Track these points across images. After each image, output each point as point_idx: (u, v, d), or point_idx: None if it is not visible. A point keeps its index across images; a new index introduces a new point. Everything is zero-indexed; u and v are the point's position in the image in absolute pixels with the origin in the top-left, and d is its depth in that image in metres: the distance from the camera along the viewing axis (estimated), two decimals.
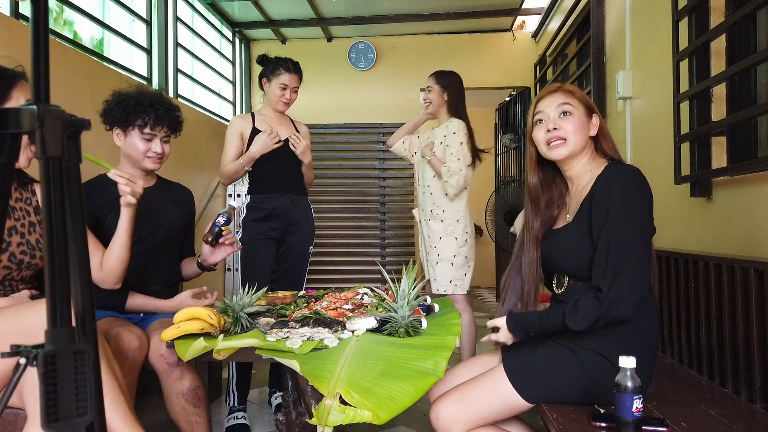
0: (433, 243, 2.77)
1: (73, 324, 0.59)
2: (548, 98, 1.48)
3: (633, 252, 1.26)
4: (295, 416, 1.63)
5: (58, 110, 0.60)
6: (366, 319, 1.55)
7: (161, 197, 2.02)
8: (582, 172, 1.47)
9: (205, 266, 2.02)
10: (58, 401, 0.55)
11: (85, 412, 0.57)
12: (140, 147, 1.87)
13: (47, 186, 0.58)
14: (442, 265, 2.74)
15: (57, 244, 0.58)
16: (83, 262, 0.60)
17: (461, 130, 2.73)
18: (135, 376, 1.67)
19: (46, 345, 0.57)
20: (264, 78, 2.63)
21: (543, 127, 1.47)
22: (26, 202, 1.59)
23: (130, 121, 1.86)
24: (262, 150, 2.49)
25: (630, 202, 1.31)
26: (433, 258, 2.76)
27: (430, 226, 2.79)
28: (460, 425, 1.37)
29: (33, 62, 0.59)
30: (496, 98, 6.04)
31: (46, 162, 0.59)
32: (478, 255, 2.96)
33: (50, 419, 0.55)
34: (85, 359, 0.57)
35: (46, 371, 0.55)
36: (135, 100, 1.85)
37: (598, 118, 1.47)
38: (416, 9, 4.95)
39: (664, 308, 2.04)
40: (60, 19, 3.01)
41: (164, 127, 1.89)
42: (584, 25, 3.65)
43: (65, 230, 0.59)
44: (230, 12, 4.99)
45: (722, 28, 1.92)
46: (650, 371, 1.41)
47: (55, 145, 0.59)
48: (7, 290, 1.52)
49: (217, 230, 1.91)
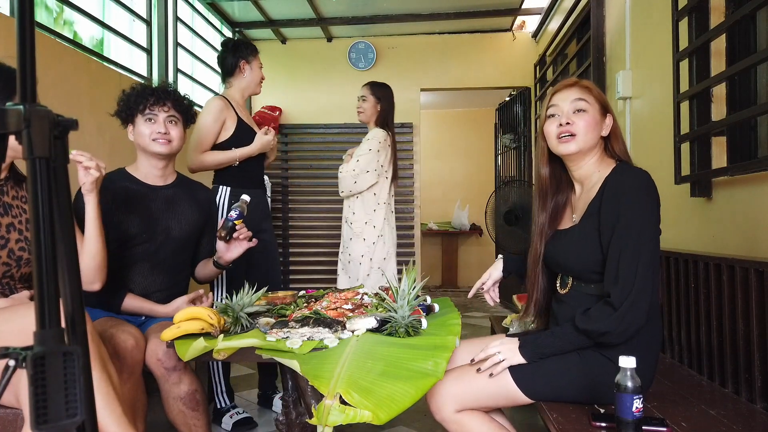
0: (345, 243, 2.94)
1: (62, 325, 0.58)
2: (564, 92, 1.44)
3: (646, 262, 1.26)
4: (295, 416, 1.63)
5: (45, 110, 0.59)
6: (366, 319, 1.55)
7: (176, 196, 1.98)
8: (590, 172, 1.45)
9: (221, 264, 1.98)
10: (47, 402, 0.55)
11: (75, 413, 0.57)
12: (145, 131, 1.86)
13: (34, 187, 0.58)
14: (352, 265, 2.90)
15: (45, 245, 0.58)
16: (72, 263, 0.60)
17: (376, 138, 2.85)
18: (138, 377, 1.66)
19: (35, 346, 0.56)
20: (243, 60, 2.53)
21: (555, 122, 1.44)
22: (23, 200, 1.59)
23: (133, 110, 1.87)
24: (261, 150, 2.49)
25: (643, 209, 1.30)
26: (345, 258, 2.93)
27: (343, 228, 2.98)
28: (455, 403, 1.37)
29: (19, 61, 0.58)
30: (496, 98, 6.04)
31: (33, 162, 0.58)
32: (478, 255, 3.00)
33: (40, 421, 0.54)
34: (75, 360, 0.57)
35: (35, 373, 0.55)
36: (136, 93, 1.88)
37: (611, 118, 1.45)
38: (416, 9, 4.95)
39: (664, 308, 2.04)
40: (60, 19, 3.01)
41: (165, 106, 1.87)
42: (584, 25, 3.65)
43: (53, 231, 0.58)
44: (230, 12, 4.99)
45: (722, 28, 1.92)
46: (652, 373, 1.41)
47: (42, 145, 0.58)
48: (5, 289, 1.52)
49: (230, 225, 1.87)
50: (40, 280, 0.57)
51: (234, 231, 1.89)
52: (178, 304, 1.86)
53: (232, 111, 2.48)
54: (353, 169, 2.81)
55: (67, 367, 0.57)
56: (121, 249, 1.86)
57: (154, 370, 1.68)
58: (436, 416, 1.42)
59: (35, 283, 0.58)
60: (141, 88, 1.89)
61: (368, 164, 2.81)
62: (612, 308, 1.27)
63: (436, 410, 1.41)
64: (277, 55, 5.46)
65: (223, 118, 2.44)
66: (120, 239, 1.85)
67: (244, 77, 2.54)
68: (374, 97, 2.92)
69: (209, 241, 2.12)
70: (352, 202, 2.91)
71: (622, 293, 1.26)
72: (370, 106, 2.91)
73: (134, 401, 1.59)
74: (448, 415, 1.38)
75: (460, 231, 7.25)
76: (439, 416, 1.40)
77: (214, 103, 2.45)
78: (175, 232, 1.95)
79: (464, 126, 7.73)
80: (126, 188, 1.89)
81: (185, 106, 1.95)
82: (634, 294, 1.25)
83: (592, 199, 1.41)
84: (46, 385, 0.55)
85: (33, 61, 0.59)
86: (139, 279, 1.89)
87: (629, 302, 1.25)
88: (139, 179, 1.94)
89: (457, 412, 1.38)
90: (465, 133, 7.70)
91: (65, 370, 0.56)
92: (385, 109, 2.94)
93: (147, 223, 1.89)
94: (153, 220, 1.91)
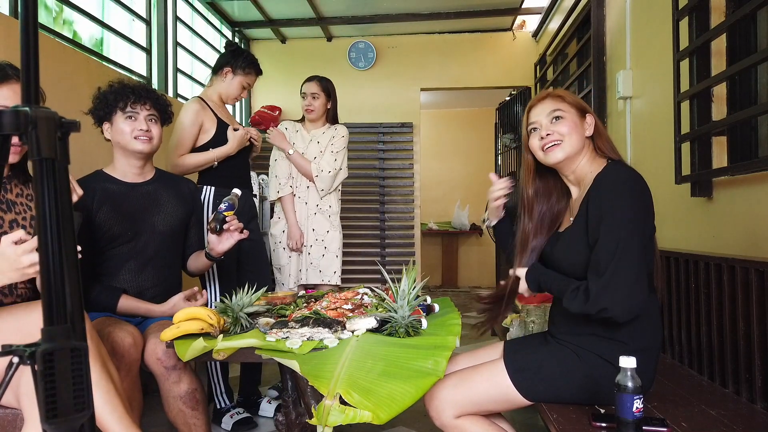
0: (319, 237, 2.85)
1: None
2: (538, 106, 1.49)
3: (624, 255, 1.25)
4: (295, 416, 1.63)
5: (50, 112, 0.60)
6: (366, 319, 1.55)
7: (157, 191, 1.98)
8: (584, 173, 1.46)
9: (213, 256, 1.97)
10: (56, 398, 0.56)
11: (82, 408, 0.58)
12: (126, 128, 1.86)
13: (41, 187, 0.59)
14: (328, 256, 2.86)
15: (52, 244, 0.59)
16: (73, 262, 0.61)
17: (345, 136, 2.87)
18: (136, 375, 1.66)
19: (43, 343, 0.57)
20: (228, 67, 2.51)
21: (537, 135, 1.48)
22: (28, 198, 1.60)
23: (112, 108, 1.86)
24: (239, 147, 2.46)
25: (624, 203, 1.30)
26: (318, 251, 2.85)
27: (317, 220, 2.86)
28: (454, 409, 1.37)
29: (23, 63, 0.59)
30: (496, 98, 6.04)
31: (40, 163, 0.59)
32: (478, 255, 3.00)
33: (50, 415, 0.56)
34: (82, 356, 0.58)
35: (45, 369, 0.56)
36: (115, 91, 1.88)
37: (592, 117, 1.47)
38: (416, 8, 4.94)
39: (664, 308, 2.04)
40: (59, 19, 3.00)
41: (146, 104, 1.88)
42: (584, 25, 3.64)
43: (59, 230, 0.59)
44: (230, 11, 4.99)
45: (723, 28, 1.91)
46: (652, 373, 1.40)
47: (48, 146, 0.59)
48: (6, 286, 1.52)
49: (221, 217, 1.87)
50: (46, 277, 0.59)
51: (225, 223, 1.89)
52: (174, 302, 1.86)
53: (210, 112, 2.46)
54: (334, 168, 2.80)
55: (74, 362, 0.58)
56: (107, 250, 1.87)
57: (154, 369, 1.68)
58: (435, 422, 1.42)
59: (42, 281, 0.59)
60: (119, 86, 1.89)
61: (343, 161, 2.85)
62: (586, 296, 1.28)
63: (435, 416, 1.40)
64: (276, 55, 5.46)
65: (200, 121, 2.42)
66: (105, 240, 1.85)
67: (223, 83, 2.52)
68: (325, 93, 2.85)
69: (197, 233, 2.12)
70: (329, 197, 2.89)
71: (597, 285, 1.26)
72: (323, 103, 2.84)
73: (131, 400, 1.58)
74: (447, 421, 1.38)
75: (460, 231, 7.25)
76: (438, 422, 1.40)
77: (190, 106, 2.44)
78: (160, 227, 1.95)
79: (464, 126, 7.73)
80: (105, 188, 1.89)
81: (163, 105, 1.96)
82: (604, 280, 1.24)
83: (582, 199, 1.42)
84: (55, 381, 0.57)
85: (37, 63, 0.60)
86: (129, 277, 1.89)
87: (604, 295, 1.24)
88: (118, 178, 1.93)
89: (457, 418, 1.38)
90: (465, 132, 7.70)
91: (73, 365, 0.58)
92: (334, 104, 2.91)
93: (131, 221, 1.89)
94: (136, 217, 1.91)
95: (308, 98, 2.82)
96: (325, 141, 2.84)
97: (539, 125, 1.48)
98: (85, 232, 1.80)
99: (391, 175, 5.50)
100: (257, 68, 2.57)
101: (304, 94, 2.83)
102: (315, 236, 2.85)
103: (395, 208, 5.48)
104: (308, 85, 2.84)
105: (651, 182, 1.37)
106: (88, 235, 1.81)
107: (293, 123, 2.93)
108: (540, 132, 1.47)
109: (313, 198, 2.85)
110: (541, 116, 1.47)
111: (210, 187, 2.46)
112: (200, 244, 2.11)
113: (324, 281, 2.84)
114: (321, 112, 2.85)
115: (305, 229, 2.84)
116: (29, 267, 1.24)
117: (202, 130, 2.43)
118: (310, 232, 2.85)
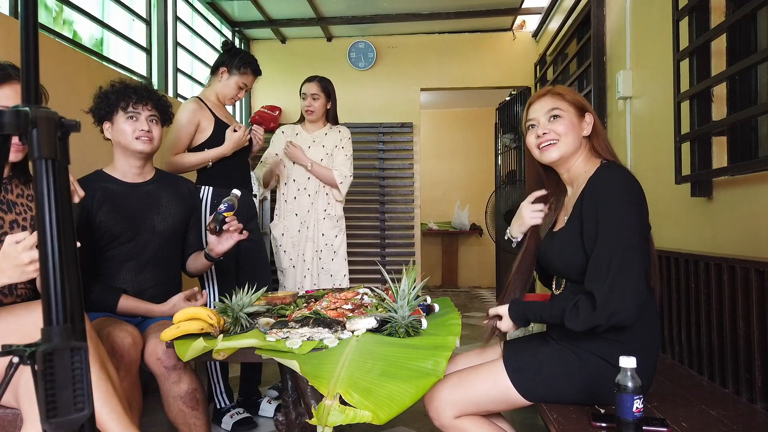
0: (329, 241, 2.85)
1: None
2: (537, 103, 1.49)
3: (626, 257, 1.25)
4: (295, 416, 1.63)
5: (50, 112, 0.60)
6: (366, 319, 1.55)
7: (157, 191, 1.99)
8: (578, 173, 1.47)
9: (213, 257, 1.97)
10: (56, 397, 0.57)
11: (83, 407, 0.58)
12: (127, 128, 1.86)
13: (41, 187, 0.59)
14: (337, 260, 2.85)
15: (52, 244, 0.59)
16: (73, 262, 0.61)
17: (351, 138, 2.89)
18: (135, 375, 1.66)
19: (43, 342, 0.57)
20: (224, 67, 2.50)
21: (534, 132, 1.48)
22: (28, 198, 1.60)
23: (113, 107, 1.87)
24: (235, 148, 2.44)
25: (620, 206, 1.30)
26: (328, 255, 2.85)
27: (325, 225, 2.85)
28: (454, 409, 1.37)
29: (23, 63, 0.59)
30: (496, 98, 6.04)
31: (41, 163, 0.59)
32: (478, 255, 3.00)
33: (50, 415, 0.56)
34: (82, 356, 0.59)
35: (45, 368, 0.56)
36: (117, 90, 1.88)
37: (592, 116, 1.46)
38: (416, 8, 4.94)
39: (664, 308, 2.04)
40: (59, 19, 3.00)
41: (148, 105, 1.89)
42: (584, 25, 3.64)
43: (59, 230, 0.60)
44: (230, 11, 4.99)
45: (723, 28, 1.91)
46: (652, 373, 1.40)
47: (49, 146, 0.59)
48: (5, 286, 1.52)
49: (221, 217, 1.87)
50: (46, 277, 0.59)
51: (224, 223, 1.89)
52: (174, 302, 1.86)
53: (207, 111, 2.45)
54: (351, 172, 2.81)
55: (75, 362, 0.58)
56: (107, 250, 1.87)
57: (154, 369, 1.68)
58: (435, 422, 1.42)
59: (42, 281, 0.59)
60: (121, 86, 1.89)
61: (352, 165, 2.86)
62: (592, 305, 1.26)
63: (434, 416, 1.40)
64: (276, 55, 5.45)
65: (197, 120, 2.41)
66: (105, 240, 1.85)
67: (219, 82, 2.51)
68: (325, 94, 2.83)
69: (196, 234, 2.12)
70: (334, 202, 2.87)
71: (603, 291, 1.25)
72: (323, 103, 2.82)
73: (130, 400, 1.59)
74: (447, 421, 1.38)
75: (460, 231, 7.25)
76: (438, 422, 1.40)
77: (188, 106, 2.44)
78: (160, 228, 1.95)
79: (464, 126, 7.73)
80: (105, 188, 1.89)
81: (165, 106, 1.96)
82: (616, 290, 1.23)
83: (576, 200, 1.42)
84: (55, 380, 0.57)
85: (37, 63, 0.60)
86: (129, 277, 1.89)
87: (612, 300, 1.23)
88: (118, 178, 1.94)
89: (456, 418, 1.38)
90: (465, 133, 7.70)
91: (73, 365, 0.58)
92: (334, 105, 2.89)
93: (130, 221, 1.89)
94: (136, 217, 1.91)
95: (308, 99, 2.81)
96: (331, 144, 2.83)
97: (537, 123, 1.48)
98: (85, 232, 1.80)
99: (391, 175, 5.50)
100: (254, 68, 2.55)
101: (304, 95, 2.82)
102: (325, 241, 2.85)
103: (395, 208, 5.48)
104: (308, 85, 2.82)
105: (651, 182, 1.38)
106: (88, 236, 1.81)
107: (291, 126, 2.92)
108: (537, 130, 1.47)
109: (321, 203, 2.84)
110: (540, 114, 1.47)
111: (208, 187, 2.46)
112: (200, 244, 2.11)
113: (335, 285, 2.82)
114: (321, 112, 2.84)
115: (314, 233, 2.84)
116: (29, 264, 1.24)
117: (199, 130, 2.43)
118: (319, 237, 2.84)
